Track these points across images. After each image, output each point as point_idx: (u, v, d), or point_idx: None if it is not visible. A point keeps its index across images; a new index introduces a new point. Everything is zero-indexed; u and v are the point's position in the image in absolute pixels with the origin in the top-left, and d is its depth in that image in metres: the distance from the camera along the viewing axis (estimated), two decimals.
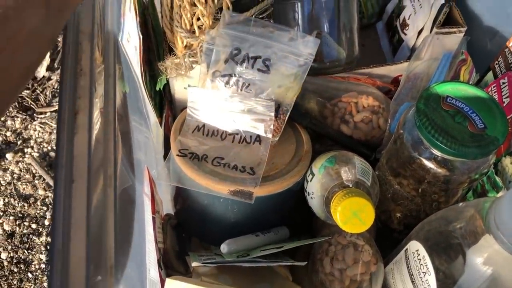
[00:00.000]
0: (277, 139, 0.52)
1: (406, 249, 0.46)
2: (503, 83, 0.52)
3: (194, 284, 0.37)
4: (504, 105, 0.50)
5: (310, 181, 0.50)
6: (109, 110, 0.46)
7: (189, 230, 0.55)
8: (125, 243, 0.41)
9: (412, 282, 0.45)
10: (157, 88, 0.56)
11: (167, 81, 0.58)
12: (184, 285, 0.37)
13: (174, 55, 0.51)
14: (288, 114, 0.52)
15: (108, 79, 0.48)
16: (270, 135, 0.51)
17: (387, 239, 0.57)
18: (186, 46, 0.51)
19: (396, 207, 0.55)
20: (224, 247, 0.45)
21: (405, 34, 0.69)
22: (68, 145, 0.39)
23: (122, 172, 0.45)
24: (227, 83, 0.51)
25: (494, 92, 0.52)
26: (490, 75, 0.57)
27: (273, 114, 0.50)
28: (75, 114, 0.41)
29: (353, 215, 0.42)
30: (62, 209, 0.35)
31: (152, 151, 0.58)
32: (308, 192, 0.50)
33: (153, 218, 0.46)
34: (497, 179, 0.47)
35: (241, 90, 0.51)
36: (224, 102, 0.51)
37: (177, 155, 0.49)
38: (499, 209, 0.35)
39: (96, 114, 0.46)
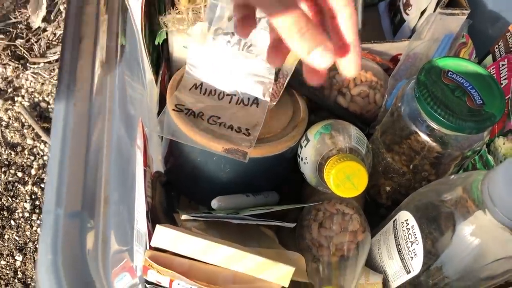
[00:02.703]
0: (275, 103, 0.52)
1: (395, 219, 0.46)
2: (503, 65, 0.52)
3: (185, 233, 0.37)
4: (502, 86, 0.51)
5: (305, 146, 0.49)
6: (111, 57, 0.45)
7: (179, 189, 0.55)
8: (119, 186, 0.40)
9: (399, 252, 0.45)
10: (156, 42, 0.55)
11: (166, 38, 0.57)
12: (175, 233, 0.37)
13: (177, 10, 0.50)
14: (288, 78, 0.51)
15: (111, 28, 0.47)
16: (268, 99, 0.51)
17: (373, 215, 0.58)
18: (190, 0, 0.50)
19: (386, 181, 0.55)
20: (214, 203, 0.45)
21: (407, 14, 0.69)
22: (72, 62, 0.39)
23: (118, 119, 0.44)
24: (229, 42, 0.50)
25: (493, 74, 0.53)
26: (489, 58, 0.57)
27: (273, 77, 0.50)
28: (80, 39, 0.40)
29: (347, 179, 0.42)
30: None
31: (145, 109, 0.57)
32: (302, 158, 0.50)
33: (144, 171, 0.46)
34: (489, 157, 0.48)
35: (242, 50, 0.50)
36: (224, 61, 0.51)
37: (173, 109, 0.48)
38: (493, 181, 0.36)
39: (97, 64, 0.45)
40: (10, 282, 0.72)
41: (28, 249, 0.71)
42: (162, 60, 0.59)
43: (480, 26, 0.62)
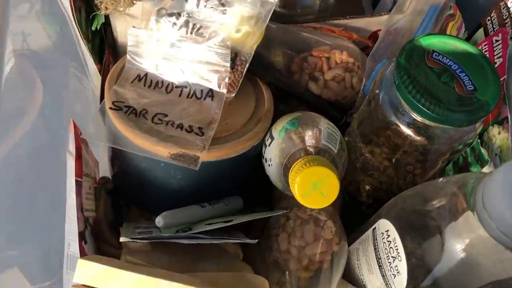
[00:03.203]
0: (233, 95, 0.44)
1: (375, 228, 0.40)
2: (496, 40, 0.45)
3: (113, 267, 0.30)
4: (496, 65, 0.44)
5: (269, 145, 0.42)
6: None
7: (127, 197, 0.48)
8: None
9: (379, 266, 0.39)
10: (93, 28, 0.47)
11: (109, 21, 0.49)
12: (100, 267, 0.30)
13: None
14: (247, 65, 0.44)
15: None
16: (224, 90, 0.43)
17: (354, 212, 0.51)
18: None
19: (366, 178, 0.48)
20: (159, 221, 0.38)
21: None
22: None
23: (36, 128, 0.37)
24: (175, 24, 0.42)
25: (486, 51, 0.45)
26: (480, 32, 0.50)
27: (228, 64, 0.42)
28: None
29: (314, 187, 0.35)
30: None
31: (88, 104, 0.49)
32: (266, 159, 0.43)
33: (78, 182, 0.38)
34: (483, 151, 0.41)
35: (191, 33, 0.42)
36: (171, 47, 0.43)
37: (110, 108, 0.41)
38: (489, 188, 0.29)
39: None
40: None
41: None
42: (106, 46, 0.51)
43: None
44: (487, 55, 0.45)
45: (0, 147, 0.31)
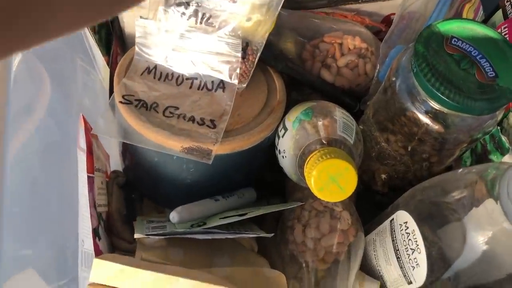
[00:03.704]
0: (245, 85, 0.43)
1: (392, 219, 0.39)
2: None
3: (130, 266, 0.30)
4: None
5: (282, 137, 0.41)
6: None
7: (139, 191, 0.47)
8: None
9: (398, 258, 0.38)
10: None
11: None
12: (117, 266, 0.30)
13: None
14: (259, 55, 0.43)
15: None
16: (236, 81, 0.42)
17: (369, 201, 0.51)
18: None
19: (381, 167, 0.47)
20: (174, 216, 0.37)
21: None
22: None
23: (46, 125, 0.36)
24: (184, 14, 0.41)
25: (505, 35, 0.44)
26: (499, 14, 0.48)
27: (239, 54, 0.41)
28: None
29: (331, 181, 0.34)
30: None
31: (97, 96, 0.48)
32: (280, 150, 0.42)
33: (89, 178, 0.38)
34: (503, 138, 0.40)
35: (200, 23, 0.41)
36: (180, 38, 0.42)
37: (120, 102, 0.40)
38: None
39: None
40: None
41: None
42: (114, 37, 0.50)
43: None
44: (508, 38, 0.43)
45: (11, 145, 0.30)
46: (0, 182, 0.28)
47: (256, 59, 0.43)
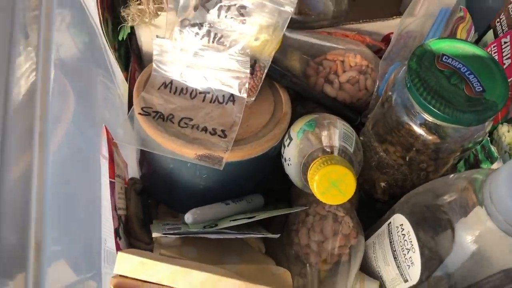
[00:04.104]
0: (253, 99, 0.47)
1: (390, 222, 0.42)
2: (505, 42, 0.47)
3: (150, 259, 0.33)
4: (505, 67, 0.46)
5: (287, 146, 0.45)
6: (47, 64, 0.40)
7: (155, 196, 0.51)
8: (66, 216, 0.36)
9: (395, 258, 0.41)
10: (120, 38, 0.50)
11: (133, 30, 0.52)
12: (138, 259, 0.33)
13: (137, 1, 0.45)
14: (266, 71, 0.46)
15: (48, 26, 0.41)
16: (245, 95, 0.46)
17: (370, 209, 0.54)
18: None
19: (381, 176, 0.50)
20: (188, 217, 0.41)
21: None
22: None
23: (71, 134, 0.40)
24: (197, 34, 0.45)
25: (495, 53, 0.47)
26: (490, 34, 0.52)
27: (248, 71, 0.45)
28: None
29: (332, 185, 0.38)
30: None
31: (116, 109, 0.52)
32: (285, 158, 0.45)
33: (111, 183, 0.42)
34: (493, 148, 0.43)
35: (213, 42, 0.45)
36: (194, 55, 0.46)
37: (139, 113, 0.44)
38: (495, 183, 0.31)
39: (28, 66, 0.40)
40: None
41: None
42: (132, 54, 0.54)
43: None
44: (496, 57, 0.47)
45: (46, 152, 0.34)
46: (42, 185, 0.31)
47: (264, 75, 0.46)
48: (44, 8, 0.41)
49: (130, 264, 0.33)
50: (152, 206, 0.50)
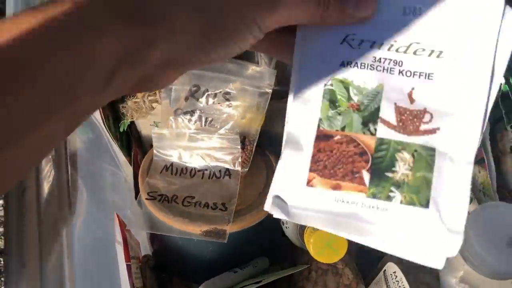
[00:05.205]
0: (247, 169, 0.52)
1: (385, 270, 0.46)
2: None
3: None
4: None
5: None
6: (61, 162, 0.45)
7: (168, 271, 0.55)
8: None
9: None
10: (121, 130, 0.55)
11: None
12: None
13: (134, 97, 0.51)
14: (255, 143, 0.51)
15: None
16: (239, 168, 0.51)
17: (371, 253, 0.57)
18: None
19: None
20: None
21: None
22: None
23: (88, 224, 0.44)
24: (190, 120, 0.50)
25: None
26: None
27: (239, 146, 0.50)
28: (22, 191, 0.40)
29: (327, 246, 0.42)
30: None
31: (123, 191, 0.57)
32: (283, 222, 0.49)
33: (128, 266, 0.46)
34: None
35: (205, 125, 0.50)
36: (189, 139, 0.51)
37: (146, 198, 0.48)
38: (468, 238, 0.35)
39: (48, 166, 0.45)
40: None
41: None
42: (133, 140, 0.60)
43: None
44: None
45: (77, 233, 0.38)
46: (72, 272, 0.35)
47: (254, 148, 0.51)
48: None
49: None
50: (166, 279, 0.54)
